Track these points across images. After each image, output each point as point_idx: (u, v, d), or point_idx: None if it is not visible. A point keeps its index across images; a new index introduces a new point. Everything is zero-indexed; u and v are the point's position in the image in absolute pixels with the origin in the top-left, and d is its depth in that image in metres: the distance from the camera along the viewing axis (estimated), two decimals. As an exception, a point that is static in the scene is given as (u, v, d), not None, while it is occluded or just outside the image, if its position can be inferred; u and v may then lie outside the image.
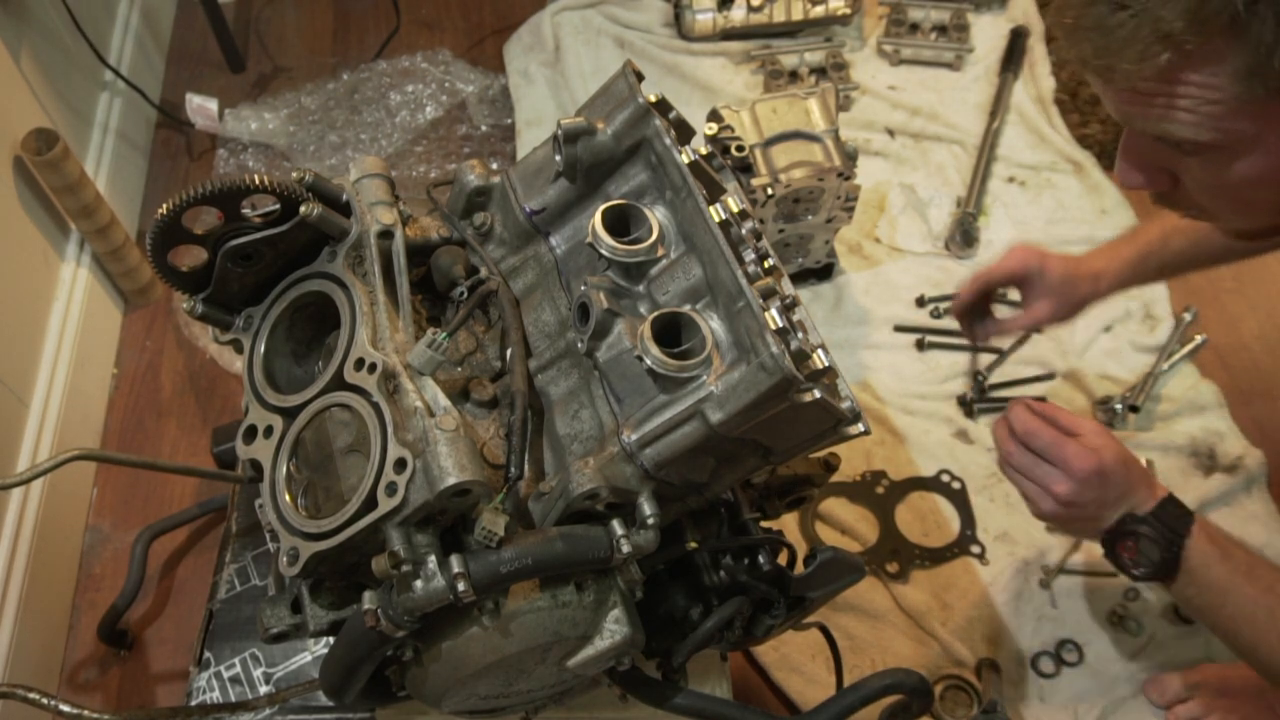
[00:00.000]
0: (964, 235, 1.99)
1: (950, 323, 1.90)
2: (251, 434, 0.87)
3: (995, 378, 1.83)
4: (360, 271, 0.89)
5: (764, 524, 1.01)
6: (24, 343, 1.70)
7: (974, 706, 1.48)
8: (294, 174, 0.87)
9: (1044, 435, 1.14)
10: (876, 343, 1.88)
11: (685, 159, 0.87)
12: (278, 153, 2.20)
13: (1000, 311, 1.49)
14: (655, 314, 0.81)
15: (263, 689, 1.19)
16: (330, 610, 0.86)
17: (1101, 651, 1.54)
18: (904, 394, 1.80)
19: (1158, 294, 1.93)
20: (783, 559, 0.98)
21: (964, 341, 1.86)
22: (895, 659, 1.53)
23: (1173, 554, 1.09)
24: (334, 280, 0.89)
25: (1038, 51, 2.29)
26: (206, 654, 1.21)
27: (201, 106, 2.12)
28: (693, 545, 0.93)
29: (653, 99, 0.90)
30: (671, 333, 0.82)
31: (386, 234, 0.90)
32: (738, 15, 2.28)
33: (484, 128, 2.25)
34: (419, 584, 0.75)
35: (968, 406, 1.78)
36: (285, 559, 0.79)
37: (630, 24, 2.36)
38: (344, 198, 0.90)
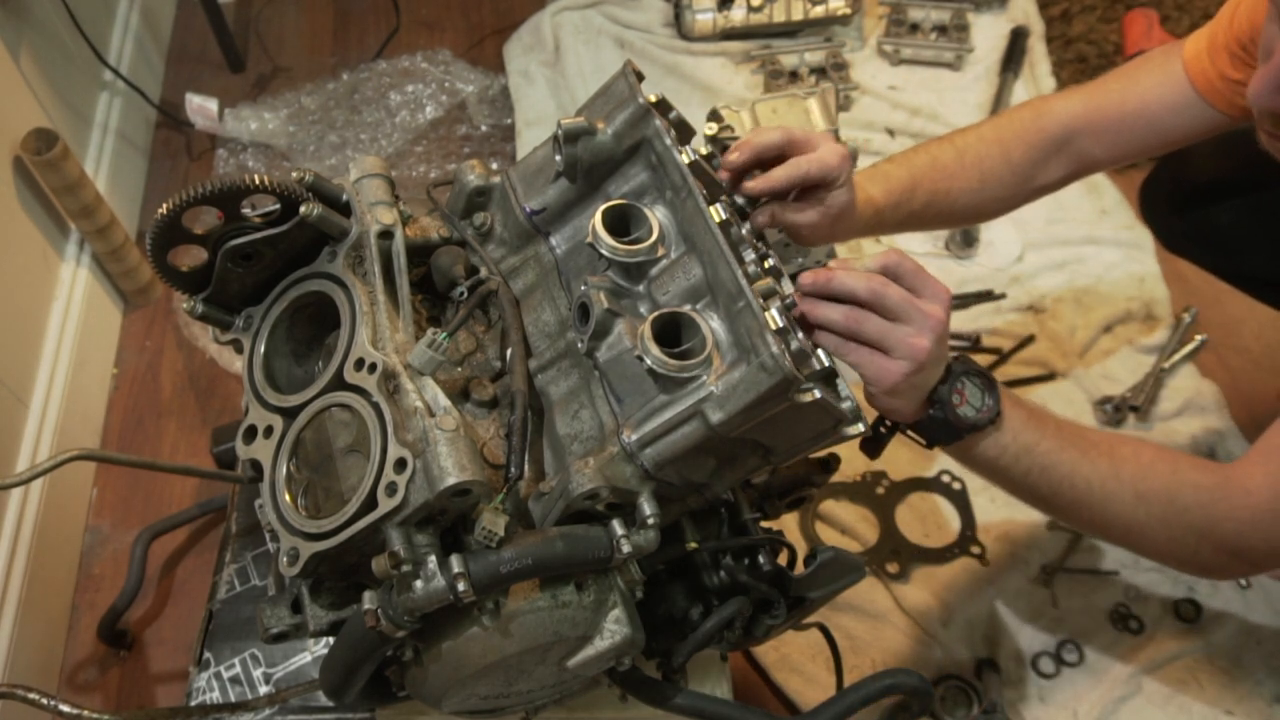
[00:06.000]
0: (964, 235, 1.99)
1: (950, 323, 1.90)
2: (251, 434, 0.87)
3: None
4: (360, 271, 0.89)
5: (764, 524, 1.01)
6: (24, 343, 1.70)
7: (974, 706, 1.48)
8: (294, 174, 0.87)
9: (893, 292, 0.91)
10: (876, 343, 1.88)
11: (685, 159, 0.87)
12: (278, 153, 2.20)
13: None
14: (655, 314, 0.81)
15: (263, 689, 1.19)
16: (330, 610, 0.86)
17: (1101, 651, 1.54)
18: (904, 394, 1.80)
19: (1158, 294, 1.93)
20: (783, 559, 0.98)
21: (963, 342, 1.86)
22: (895, 659, 1.53)
23: (995, 392, 1.00)
24: (334, 280, 0.89)
25: (1038, 51, 2.29)
26: (206, 654, 1.21)
27: (201, 106, 2.12)
28: (693, 545, 0.93)
29: (653, 99, 0.90)
30: (671, 333, 0.82)
31: (386, 234, 0.90)
32: (738, 15, 2.28)
33: (484, 128, 2.25)
34: (419, 584, 0.75)
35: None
36: (285, 559, 0.79)
37: (630, 24, 2.36)
38: (344, 198, 0.90)
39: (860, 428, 0.88)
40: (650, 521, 0.80)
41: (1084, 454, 1.04)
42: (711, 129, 1.17)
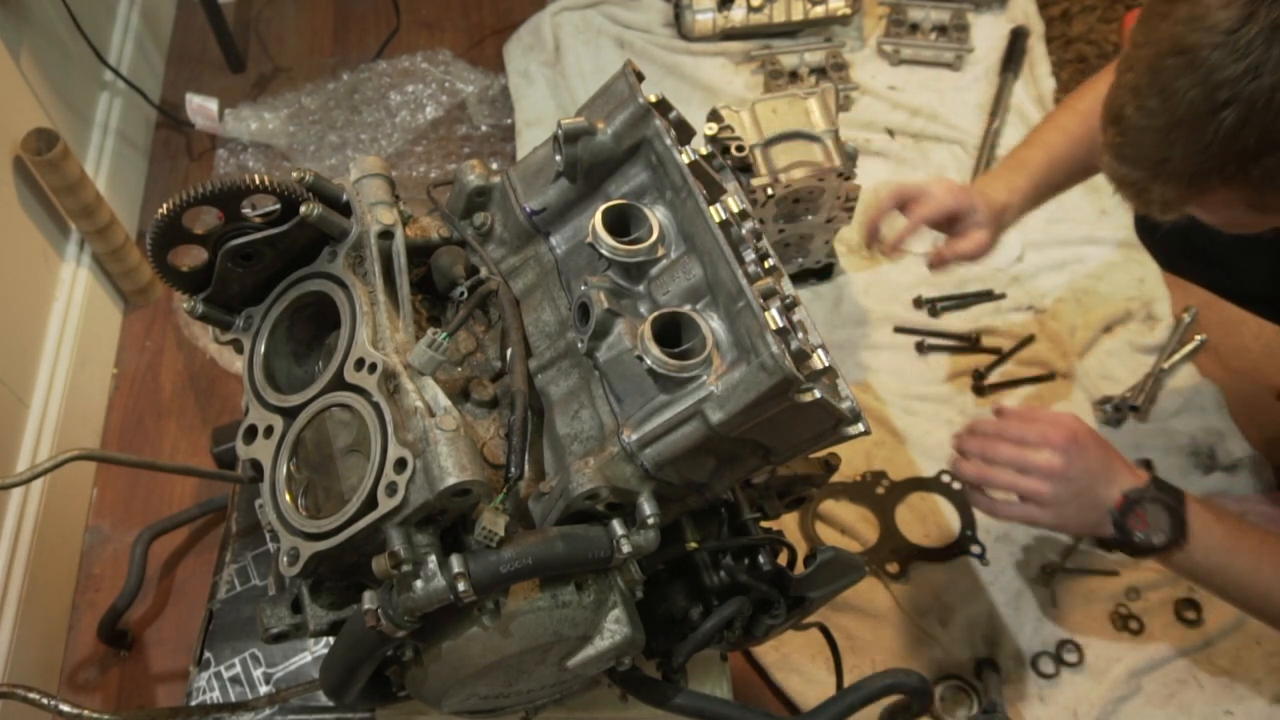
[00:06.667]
0: (964, 235, 1.99)
1: (950, 323, 1.90)
2: (251, 434, 0.87)
3: (995, 378, 1.83)
4: (360, 271, 0.89)
5: (764, 524, 1.01)
6: (24, 343, 1.70)
7: (974, 706, 1.48)
8: (294, 174, 0.87)
9: (1011, 424, 1.16)
10: (876, 343, 1.88)
11: (685, 159, 0.87)
12: (278, 153, 2.19)
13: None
14: (655, 314, 0.81)
15: (263, 689, 1.19)
16: (330, 610, 0.86)
17: (1101, 651, 1.54)
18: (904, 394, 1.80)
19: (1158, 294, 1.93)
20: (783, 559, 0.98)
21: (964, 344, 1.86)
22: (895, 659, 1.53)
23: (1179, 518, 1.11)
24: (334, 280, 0.89)
25: (1038, 51, 2.29)
26: (206, 654, 1.21)
27: (201, 106, 2.12)
28: (693, 545, 0.93)
29: (653, 99, 0.90)
30: (671, 333, 0.82)
31: (387, 234, 0.90)
32: (738, 15, 2.28)
33: (484, 128, 2.25)
34: (419, 584, 0.75)
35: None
36: (285, 559, 0.79)
37: (630, 24, 2.35)
38: (344, 198, 0.90)
39: (860, 428, 0.88)
40: (650, 521, 0.80)
41: (1263, 545, 1.13)
42: (711, 129, 1.18)
